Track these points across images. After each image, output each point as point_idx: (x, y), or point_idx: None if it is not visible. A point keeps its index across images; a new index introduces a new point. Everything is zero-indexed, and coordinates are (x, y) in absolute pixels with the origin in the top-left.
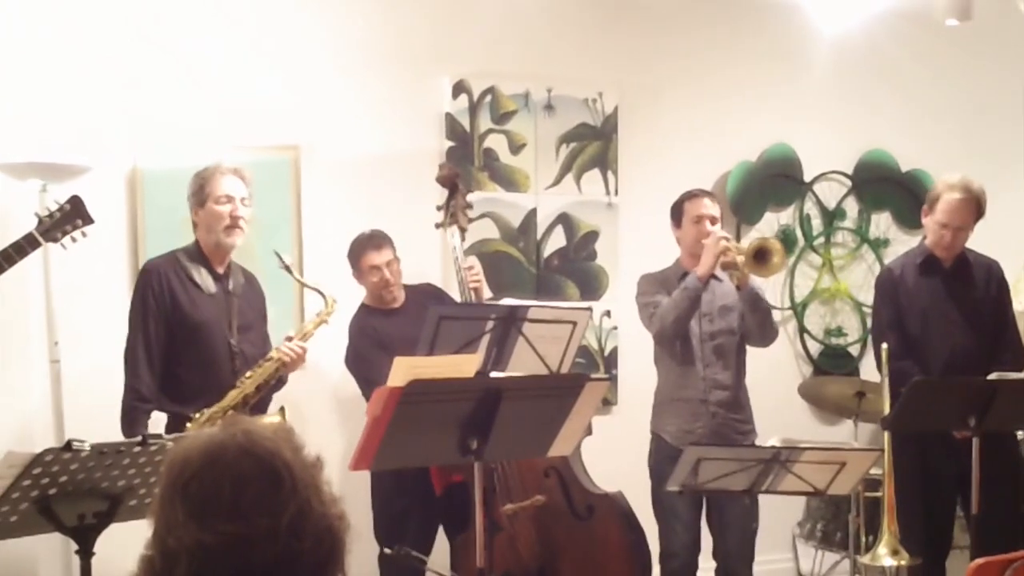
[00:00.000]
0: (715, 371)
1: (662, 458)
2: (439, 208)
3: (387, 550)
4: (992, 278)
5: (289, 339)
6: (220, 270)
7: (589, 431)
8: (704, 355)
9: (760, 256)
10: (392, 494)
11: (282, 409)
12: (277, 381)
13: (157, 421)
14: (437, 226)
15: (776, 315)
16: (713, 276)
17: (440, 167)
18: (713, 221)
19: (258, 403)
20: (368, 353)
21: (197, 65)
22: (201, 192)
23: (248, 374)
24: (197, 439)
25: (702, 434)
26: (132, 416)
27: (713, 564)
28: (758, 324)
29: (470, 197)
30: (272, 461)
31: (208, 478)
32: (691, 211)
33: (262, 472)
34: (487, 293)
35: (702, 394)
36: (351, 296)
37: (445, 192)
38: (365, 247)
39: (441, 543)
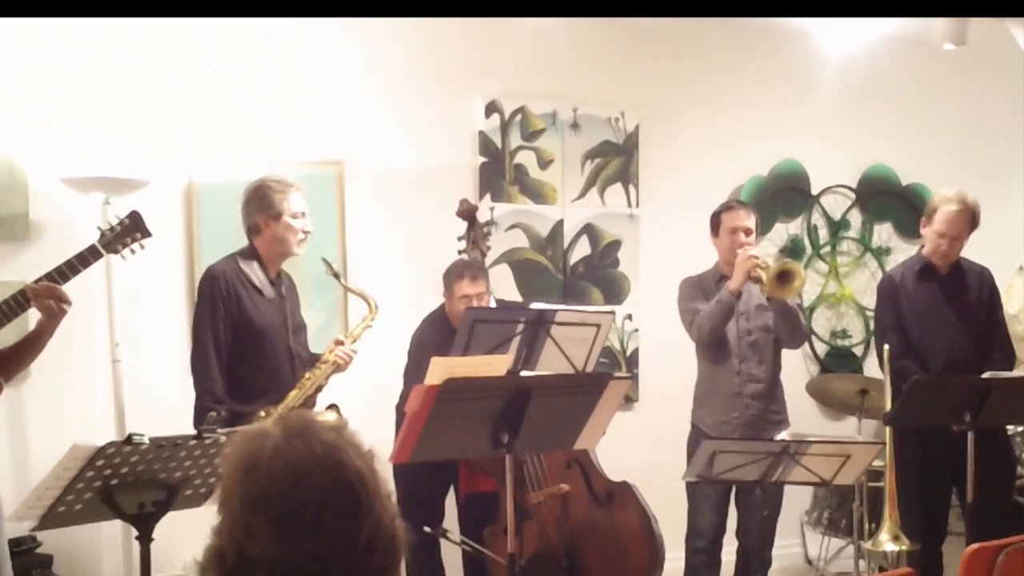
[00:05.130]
0: (750, 366)
1: (699, 445)
2: (460, 238)
3: (427, 529)
4: (984, 284)
5: (340, 343)
6: (274, 275)
7: None
8: (740, 351)
9: (784, 278)
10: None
11: (335, 407)
12: None
13: None
14: (460, 253)
15: None
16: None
17: (460, 203)
18: (747, 232)
19: (304, 401)
20: (429, 344)
21: (248, 87)
22: (277, 206)
23: (307, 375)
24: (267, 440)
25: (737, 425)
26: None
27: (735, 546)
28: (787, 329)
29: (501, 209)
30: (350, 479)
31: (294, 497)
32: (727, 222)
33: (342, 492)
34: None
35: (737, 388)
36: (391, 302)
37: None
38: (462, 275)
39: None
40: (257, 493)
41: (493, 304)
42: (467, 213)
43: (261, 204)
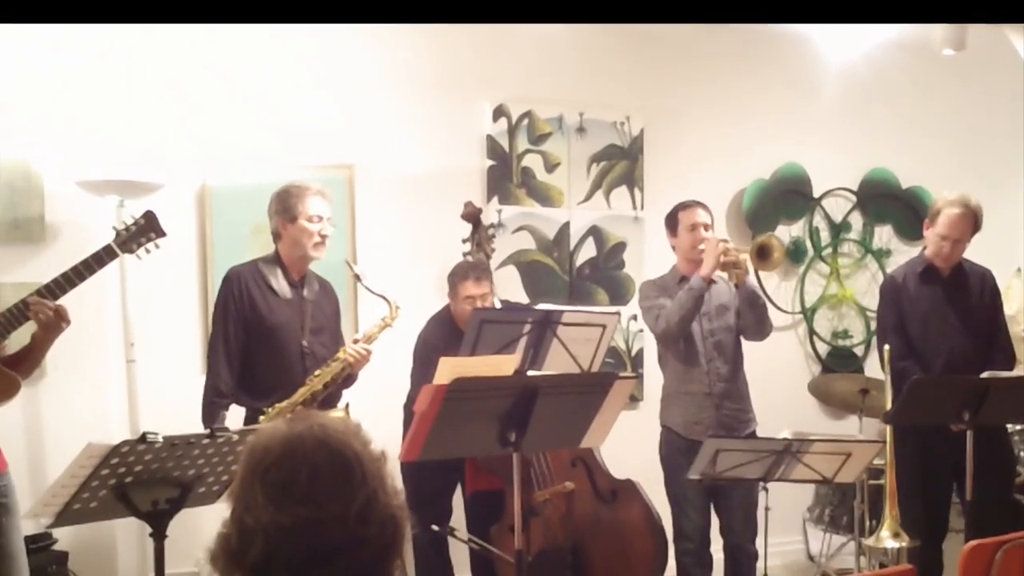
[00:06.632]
0: (717, 365)
1: (673, 449)
2: (464, 241)
3: (435, 527)
4: (985, 285)
5: (356, 341)
6: (296, 278)
7: None
8: (706, 351)
9: (763, 253)
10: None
11: (347, 406)
12: (347, 378)
13: (238, 415)
14: (464, 255)
15: (787, 319)
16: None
17: (465, 206)
18: (706, 228)
19: (327, 398)
20: (435, 344)
21: (260, 91)
22: (293, 209)
23: (317, 372)
24: (276, 430)
25: (708, 424)
26: (211, 410)
27: (720, 544)
28: (756, 319)
29: (509, 211)
30: (345, 453)
31: (286, 465)
32: (685, 220)
33: (335, 463)
34: None
35: (707, 387)
36: (401, 303)
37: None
38: (467, 276)
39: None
40: (254, 467)
41: (497, 305)
42: (471, 216)
43: (279, 208)
